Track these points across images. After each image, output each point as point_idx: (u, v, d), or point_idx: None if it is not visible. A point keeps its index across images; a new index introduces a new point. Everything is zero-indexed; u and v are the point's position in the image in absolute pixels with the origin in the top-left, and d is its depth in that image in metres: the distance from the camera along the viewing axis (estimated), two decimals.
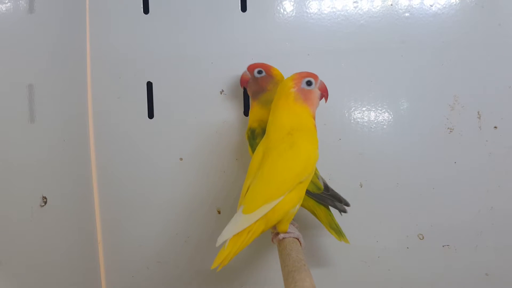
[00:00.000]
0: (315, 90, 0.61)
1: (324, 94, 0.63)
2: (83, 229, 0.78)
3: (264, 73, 0.72)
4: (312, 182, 0.67)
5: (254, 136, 0.69)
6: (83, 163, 0.79)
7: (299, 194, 0.58)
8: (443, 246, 0.79)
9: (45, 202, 0.64)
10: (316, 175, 0.69)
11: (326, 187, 0.68)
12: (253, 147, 0.69)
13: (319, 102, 0.63)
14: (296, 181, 0.56)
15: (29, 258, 0.61)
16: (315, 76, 0.62)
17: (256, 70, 0.72)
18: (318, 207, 0.70)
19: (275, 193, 0.55)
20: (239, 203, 0.58)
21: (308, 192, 0.66)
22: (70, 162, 0.74)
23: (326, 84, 0.64)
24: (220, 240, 0.54)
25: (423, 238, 0.79)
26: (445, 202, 0.78)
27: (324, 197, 0.68)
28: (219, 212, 0.81)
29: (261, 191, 0.56)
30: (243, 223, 0.54)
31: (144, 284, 0.83)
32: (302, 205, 0.69)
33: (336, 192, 0.69)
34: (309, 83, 0.60)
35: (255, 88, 0.72)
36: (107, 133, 0.81)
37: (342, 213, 0.68)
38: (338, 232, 0.69)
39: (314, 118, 0.61)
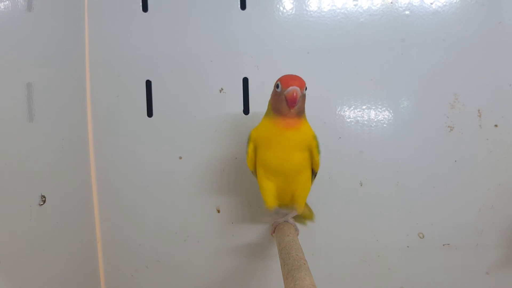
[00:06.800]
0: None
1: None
2: (82, 228, 0.78)
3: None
4: None
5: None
6: (82, 162, 0.79)
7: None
8: (443, 245, 0.79)
9: (44, 201, 0.64)
10: None
11: None
12: None
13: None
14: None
15: (28, 257, 0.61)
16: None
17: (305, 88, 0.62)
18: None
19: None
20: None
21: None
22: (69, 160, 0.74)
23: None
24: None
25: (423, 237, 0.79)
26: (446, 200, 0.78)
27: None
28: (218, 211, 0.80)
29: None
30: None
31: (143, 283, 0.83)
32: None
33: None
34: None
35: (302, 105, 0.62)
36: (106, 131, 0.81)
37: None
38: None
39: None
